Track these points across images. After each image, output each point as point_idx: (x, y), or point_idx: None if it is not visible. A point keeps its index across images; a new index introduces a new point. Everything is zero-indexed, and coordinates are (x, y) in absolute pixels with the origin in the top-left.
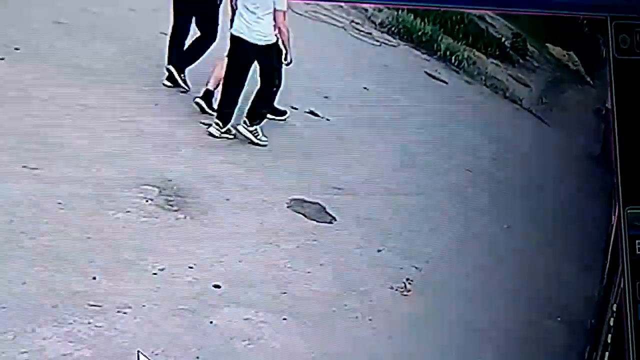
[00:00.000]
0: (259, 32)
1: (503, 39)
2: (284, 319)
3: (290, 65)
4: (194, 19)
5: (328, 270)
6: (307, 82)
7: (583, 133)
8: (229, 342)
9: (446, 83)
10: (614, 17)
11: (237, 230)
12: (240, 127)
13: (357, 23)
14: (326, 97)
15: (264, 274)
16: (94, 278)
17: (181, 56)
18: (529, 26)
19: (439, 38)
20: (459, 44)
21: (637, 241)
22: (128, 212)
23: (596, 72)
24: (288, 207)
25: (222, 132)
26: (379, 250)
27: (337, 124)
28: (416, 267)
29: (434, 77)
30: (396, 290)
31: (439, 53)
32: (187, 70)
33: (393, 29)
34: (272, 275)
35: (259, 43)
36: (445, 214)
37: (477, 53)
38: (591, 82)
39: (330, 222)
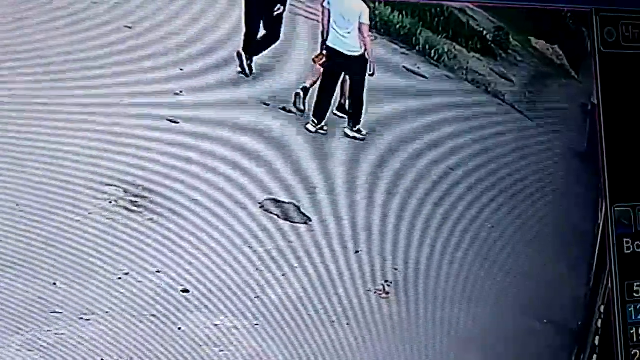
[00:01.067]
0: (349, 44)
1: (485, 32)
2: (257, 324)
3: (265, 59)
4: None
5: (303, 273)
6: (280, 78)
7: (568, 129)
8: (198, 349)
9: (426, 78)
10: (599, 10)
11: (207, 233)
12: (347, 131)
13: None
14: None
15: (235, 277)
16: (55, 284)
17: (252, 46)
18: (512, 19)
19: (418, 31)
20: (439, 37)
21: (624, 240)
22: (90, 214)
23: (582, 66)
24: (260, 207)
25: (317, 129)
26: (356, 252)
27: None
28: (396, 269)
29: (413, 72)
30: (375, 293)
31: (418, 47)
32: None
33: (370, 22)
34: (243, 279)
35: (350, 54)
36: (426, 214)
37: (457, 47)
38: (576, 76)
39: (305, 223)
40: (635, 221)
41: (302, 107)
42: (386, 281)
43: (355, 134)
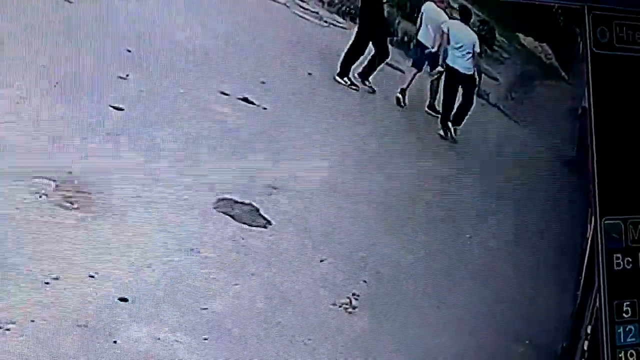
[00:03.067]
0: (464, 65)
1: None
2: (205, 338)
3: (224, 45)
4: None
5: (260, 283)
6: (241, 64)
7: (556, 134)
8: None
9: (403, 72)
10: (592, 7)
11: (150, 234)
12: (450, 129)
13: (301, 0)
14: (263, 83)
15: (182, 286)
16: None
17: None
18: (498, 13)
19: (396, 22)
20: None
21: (615, 255)
22: (17, 209)
23: (572, 67)
24: (214, 207)
25: (452, 132)
26: (321, 261)
27: (275, 113)
28: (364, 281)
29: (389, 65)
30: (340, 307)
31: (395, 38)
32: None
33: (343, 8)
34: (191, 288)
35: (464, 73)
36: (399, 220)
37: None
38: (566, 77)
39: (264, 227)
40: (626, 235)
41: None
42: (353, 294)
43: (453, 133)
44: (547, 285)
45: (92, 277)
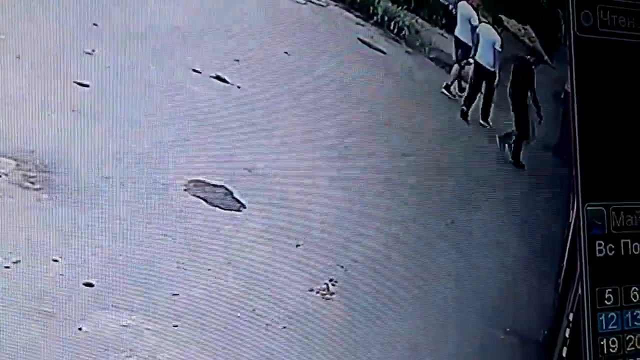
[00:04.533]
0: (488, 62)
1: (450, 7)
2: (175, 325)
3: (196, 21)
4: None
5: (233, 268)
6: (215, 41)
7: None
8: (102, 354)
9: (384, 53)
10: None
11: (118, 216)
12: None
13: None
14: (237, 61)
15: (151, 270)
16: None
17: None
18: None
19: (376, 0)
20: (399, 8)
21: (597, 242)
22: None
23: (555, 50)
24: (185, 189)
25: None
26: (297, 245)
27: (249, 92)
28: (341, 266)
29: (369, 45)
30: (317, 293)
31: (375, 17)
32: None
33: None
34: (161, 273)
35: (488, 68)
36: (377, 205)
37: (420, 20)
38: (550, 61)
39: (238, 210)
40: (608, 222)
41: (454, 94)
42: (330, 280)
43: (484, 124)
44: (528, 272)
45: (56, 260)
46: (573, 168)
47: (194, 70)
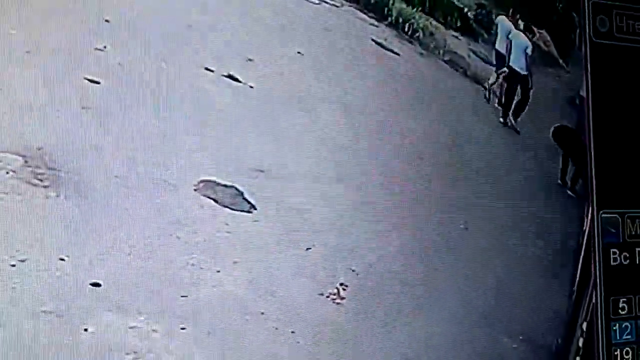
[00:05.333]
0: (521, 66)
1: (465, 9)
2: (183, 328)
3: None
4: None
5: (243, 271)
6: (228, 40)
7: (553, 124)
8: (108, 356)
9: (397, 54)
10: None
11: (126, 216)
12: (510, 119)
13: None
14: (250, 60)
15: (159, 271)
16: None
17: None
18: None
19: (391, 1)
20: (414, 10)
21: (612, 250)
22: None
23: (571, 55)
24: (195, 190)
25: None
26: (307, 249)
27: (261, 92)
28: (353, 270)
29: (382, 47)
30: (327, 297)
31: (390, 19)
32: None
33: None
34: (169, 274)
35: (521, 72)
36: (389, 208)
37: (434, 22)
38: (565, 66)
39: (249, 211)
40: (623, 230)
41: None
42: (341, 284)
43: (516, 125)
44: (542, 279)
45: (63, 260)
46: (588, 174)
47: (207, 69)
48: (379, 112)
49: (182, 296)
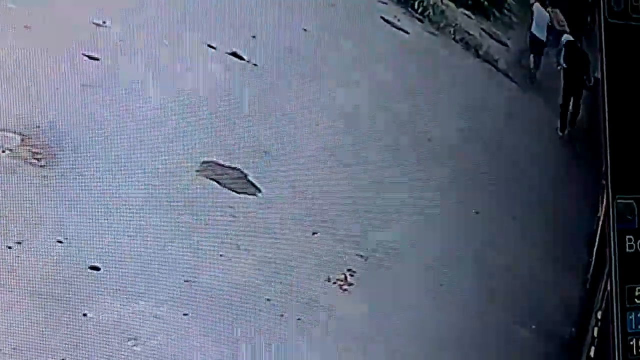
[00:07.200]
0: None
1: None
2: (185, 314)
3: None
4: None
5: (247, 255)
6: (231, 16)
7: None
8: (108, 341)
9: (407, 33)
10: None
11: (127, 197)
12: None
13: None
14: (254, 37)
15: (161, 255)
16: None
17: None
18: None
19: None
20: None
21: (627, 237)
22: None
23: (585, 35)
24: (197, 171)
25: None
26: (314, 233)
27: (266, 70)
28: (361, 256)
29: (392, 25)
30: (334, 283)
31: None
32: None
33: None
34: (171, 258)
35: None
36: (400, 192)
37: (445, 0)
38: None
39: (254, 194)
40: (639, 216)
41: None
42: (349, 270)
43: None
44: (556, 267)
45: (60, 242)
46: (603, 159)
47: (209, 46)
48: (388, 92)
49: (185, 281)
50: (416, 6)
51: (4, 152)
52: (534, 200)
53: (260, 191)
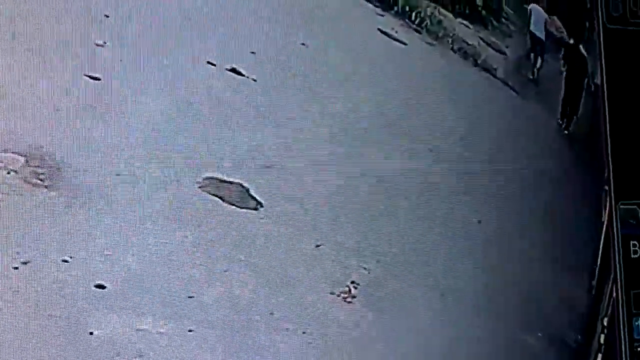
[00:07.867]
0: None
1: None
2: (190, 330)
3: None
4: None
5: (251, 270)
6: (230, 32)
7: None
8: (114, 359)
9: (405, 44)
10: None
11: (130, 215)
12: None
13: None
14: (253, 53)
15: (165, 272)
16: None
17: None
18: None
19: None
20: None
21: (631, 242)
22: None
23: (584, 41)
24: (200, 187)
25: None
26: (317, 246)
27: (266, 86)
28: (364, 268)
29: (389, 36)
30: (338, 295)
31: (396, 8)
32: None
33: None
34: (175, 274)
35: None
36: (402, 202)
37: (442, 11)
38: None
39: (255, 209)
40: None
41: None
42: (352, 282)
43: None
44: (561, 273)
45: (66, 261)
46: (605, 164)
47: (209, 63)
48: (387, 104)
49: (189, 297)
50: (413, 17)
51: (8, 173)
52: (537, 208)
53: (262, 205)
